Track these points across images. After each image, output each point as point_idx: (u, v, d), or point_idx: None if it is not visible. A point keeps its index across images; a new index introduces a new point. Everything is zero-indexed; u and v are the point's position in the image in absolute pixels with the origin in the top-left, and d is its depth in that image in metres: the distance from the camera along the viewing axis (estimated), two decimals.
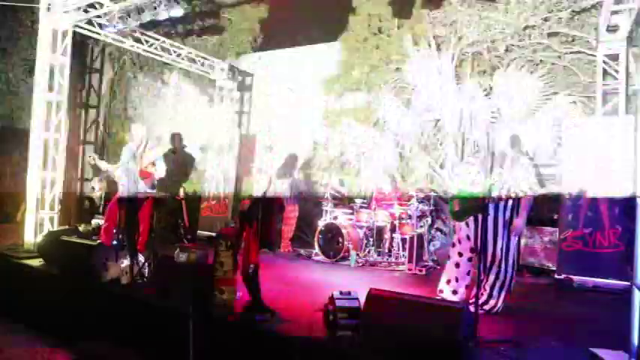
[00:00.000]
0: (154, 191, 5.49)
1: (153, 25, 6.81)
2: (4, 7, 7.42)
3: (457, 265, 4.29)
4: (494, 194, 3.90)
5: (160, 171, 5.51)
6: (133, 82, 12.46)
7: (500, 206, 3.99)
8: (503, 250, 4.02)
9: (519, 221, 4.04)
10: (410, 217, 6.81)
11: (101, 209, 8.05)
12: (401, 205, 6.94)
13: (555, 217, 6.07)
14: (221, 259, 3.69)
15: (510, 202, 4.00)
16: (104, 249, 4.97)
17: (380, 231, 6.94)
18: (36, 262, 5.42)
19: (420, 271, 6.12)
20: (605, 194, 5.37)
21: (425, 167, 7.69)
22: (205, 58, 8.87)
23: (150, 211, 5.34)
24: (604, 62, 5.76)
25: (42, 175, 6.24)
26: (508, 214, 4.01)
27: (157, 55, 7.99)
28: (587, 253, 5.43)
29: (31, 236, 6.08)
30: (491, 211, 3.97)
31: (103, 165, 5.60)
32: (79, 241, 5.29)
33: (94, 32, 6.90)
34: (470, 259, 4.24)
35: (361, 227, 6.96)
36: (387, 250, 6.89)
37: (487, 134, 3.86)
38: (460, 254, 4.27)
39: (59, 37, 6.40)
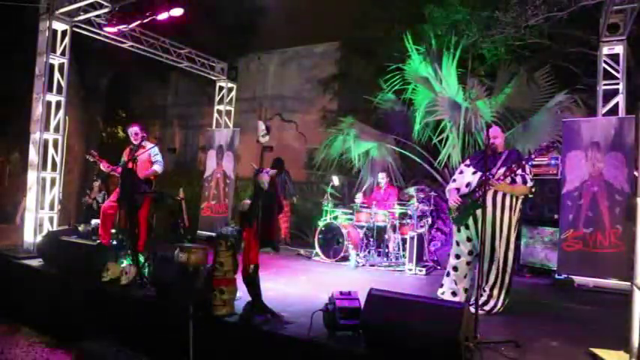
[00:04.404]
0: (153, 190, 5.49)
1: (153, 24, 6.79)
2: (4, 7, 7.40)
3: (455, 269, 4.29)
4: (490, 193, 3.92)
5: (157, 168, 5.50)
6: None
7: (498, 207, 3.99)
8: (503, 251, 4.02)
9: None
10: (410, 217, 6.81)
11: None
12: (401, 205, 6.95)
13: (556, 217, 6.07)
14: (221, 259, 3.68)
15: (508, 202, 4.00)
16: (104, 249, 4.97)
17: (380, 231, 6.94)
18: (35, 262, 5.42)
19: (420, 271, 6.12)
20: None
21: (425, 167, 7.69)
22: (205, 58, 8.87)
23: (149, 211, 5.34)
24: (604, 62, 5.75)
25: (42, 175, 6.23)
26: (507, 214, 4.00)
27: (156, 55, 7.99)
28: (587, 253, 5.43)
29: (30, 236, 6.07)
30: (489, 212, 3.97)
31: (104, 163, 5.60)
32: (78, 241, 5.29)
33: (93, 32, 6.89)
34: (469, 263, 4.25)
35: (361, 227, 6.96)
36: (387, 250, 6.89)
37: (487, 134, 3.84)
38: (458, 256, 4.27)
39: (59, 37, 6.40)
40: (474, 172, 4.16)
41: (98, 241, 5.39)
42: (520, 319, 3.94)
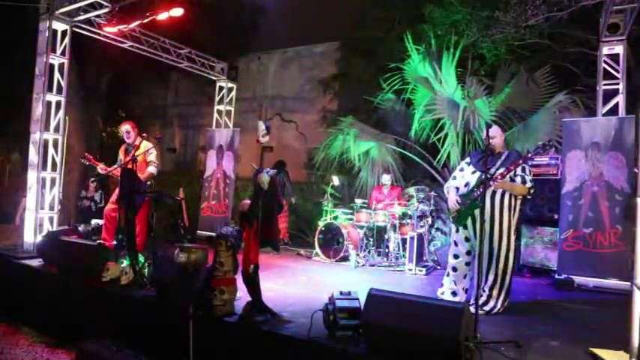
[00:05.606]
0: (151, 189, 5.49)
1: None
2: (4, 7, 7.40)
3: (454, 269, 4.29)
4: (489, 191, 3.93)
5: (152, 170, 5.52)
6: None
7: (497, 206, 3.99)
8: (504, 252, 4.01)
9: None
10: (410, 217, 6.81)
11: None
12: (401, 205, 6.95)
13: (556, 217, 6.08)
14: (221, 259, 3.68)
15: (507, 202, 4.00)
16: (104, 249, 4.96)
17: (380, 231, 6.94)
18: (35, 262, 5.42)
19: (420, 271, 6.12)
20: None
21: (425, 167, 7.69)
22: (205, 58, 8.87)
23: (148, 211, 5.34)
24: (604, 62, 5.75)
25: (42, 175, 6.23)
26: (506, 214, 4.00)
27: (156, 55, 7.98)
28: (587, 253, 5.43)
29: (30, 236, 6.07)
30: (488, 212, 3.97)
31: (101, 166, 5.61)
32: (78, 241, 5.28)
33: (93, 32, 6.89)
34: (468, 263, 4.24)
35: (361, 227, 6.96)
36: (387, 250, 6.89)
37: (487, 134, 3.84)
38: (457, 256, 4.28)
39: (59, 37, 6.40)
40: (474, 172, 4.16)
41: (98, 241, 5.38)
42: (520, 319, 3.94)
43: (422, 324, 2.78)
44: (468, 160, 4.37)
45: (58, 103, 6.47)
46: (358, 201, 7.25)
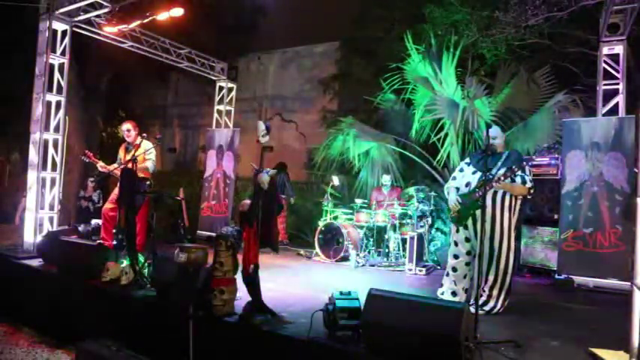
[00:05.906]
0: (151, 189, 5.49)
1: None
2: (4, 7, 7.40)
3: (454, 269, 4.29)
4: (490, 192, 3.93)
5: (148, 165, 5.52)
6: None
7: (497, 207, 3.99)
8: (505, 252, 4.01)
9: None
10: (410, 217, 6.81)
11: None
12: (401, 205, 6.95)
13: (556, 217, 6.08)
14: (221, 259, 3.68)
15: (508, 202, 4.00)
16: (103, 249, 4.96)
17: (380, 231, 6.94)
18: (35, 262, 5.42)
19: (420, 271, 6.12)
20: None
21: (425, 167, 7.69)
22: (205, 58, 8.87)
23: (148, 211, 5.33)
24: (604, 62, 5.75)
25: (42, 175, 6.23)
26: (506, 214, 4.00)
27: (156, 55, 7.98)
28: (587, 253, 5.43)
29: (30, 236, 6.07)
30: (489, 212, 3.97)
31: (100, 163, 5.61)
32: (78, 241, 5.28)
33: (93, 32, 6.89)
34: (467, 263, 4.24)
35: (361, 227, 6.96)
36: (387, 250, 6.89)
37: (487, 134, 3.84)
38: (457, 257, 4.27)
39: (59, 37, 6.40)
40: (474, 172, 4.16)
41: (98, 241, 5.39)
42: (520, 319, 3.94)
43: (422, 324, 2.78)
44: (467, 160, 4.37)
45: (58, 103, 6.47)
46: (358, 201, 7.25)
